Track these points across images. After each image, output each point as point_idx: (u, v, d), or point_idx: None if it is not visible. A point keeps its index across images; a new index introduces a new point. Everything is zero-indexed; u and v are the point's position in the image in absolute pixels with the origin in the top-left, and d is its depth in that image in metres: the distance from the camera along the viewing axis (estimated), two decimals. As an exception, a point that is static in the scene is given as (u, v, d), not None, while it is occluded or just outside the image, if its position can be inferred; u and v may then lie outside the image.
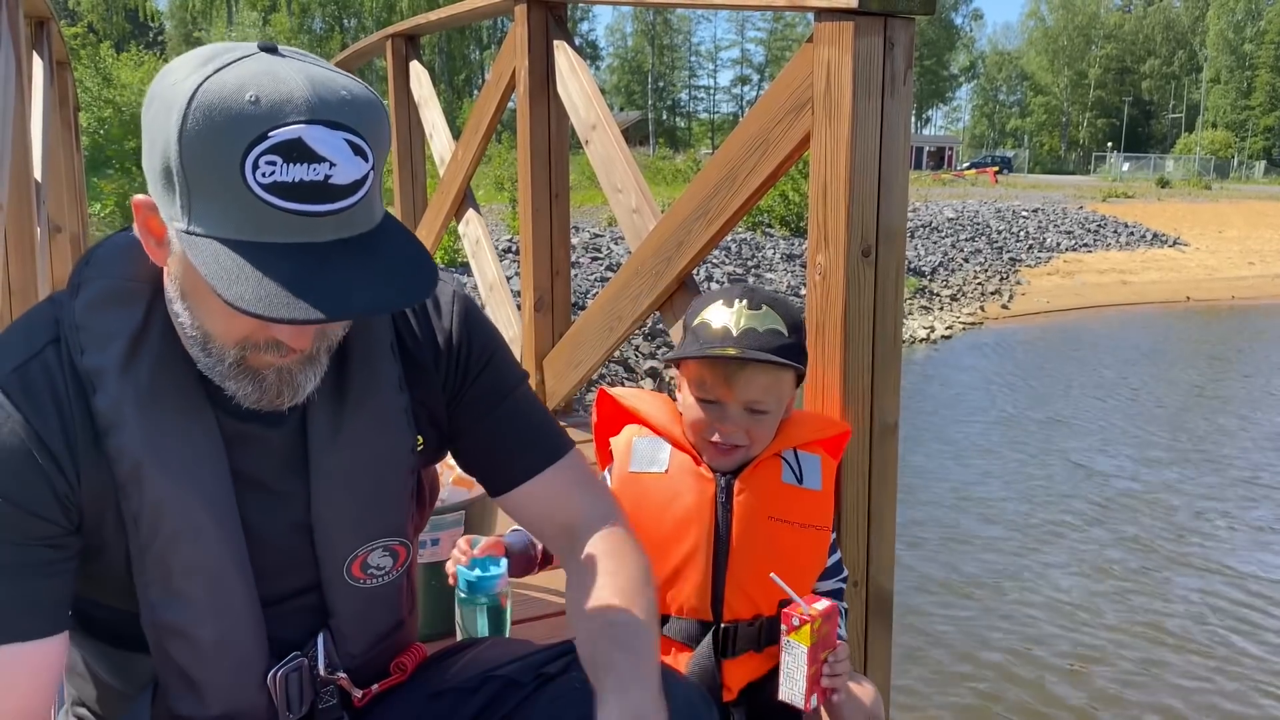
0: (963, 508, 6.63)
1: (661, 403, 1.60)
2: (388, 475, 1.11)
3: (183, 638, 1.02)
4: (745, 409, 1.47)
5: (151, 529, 0.99)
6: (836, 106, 1.74)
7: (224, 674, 1.05)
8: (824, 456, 1.57)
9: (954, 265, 17.23)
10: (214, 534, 1.01)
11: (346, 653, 1.13)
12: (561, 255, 3.45)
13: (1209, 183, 45.43)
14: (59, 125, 5.18)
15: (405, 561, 1.16)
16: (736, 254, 14.02)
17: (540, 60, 3.27)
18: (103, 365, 0.96)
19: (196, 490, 1.00)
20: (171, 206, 0.86)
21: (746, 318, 1.47)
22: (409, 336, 1.14)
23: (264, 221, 0.83)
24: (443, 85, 47.44)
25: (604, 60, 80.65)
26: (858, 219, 1.75)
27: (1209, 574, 5.57)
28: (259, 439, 1.04)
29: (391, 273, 0.88)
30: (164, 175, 0.85)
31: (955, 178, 43.33)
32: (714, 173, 2.26)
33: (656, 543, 1.48)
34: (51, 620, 0.97)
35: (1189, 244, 22.33)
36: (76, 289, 0.99)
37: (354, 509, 1.09)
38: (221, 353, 0.95)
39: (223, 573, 1.02)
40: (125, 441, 0.96)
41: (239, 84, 0.83)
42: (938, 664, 4.47)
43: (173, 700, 1.05)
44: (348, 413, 1.07)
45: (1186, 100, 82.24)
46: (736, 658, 1.49)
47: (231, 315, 0.89)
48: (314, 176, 0.83)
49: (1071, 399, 10.02)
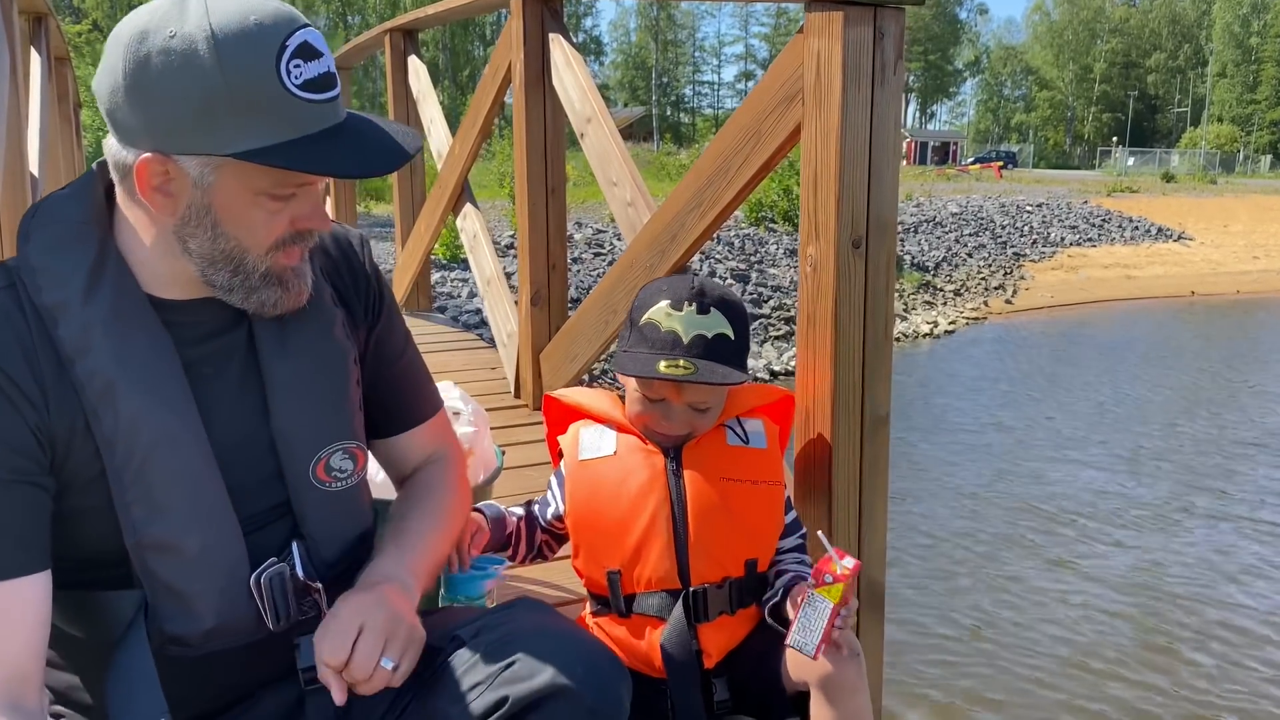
0: (962, 502, 6.63)
1: (603, 395, 1.63)
2: (337, 381, 1.19)
3: (169, 551, 1.05)
4: (690, 408, 1.49)
5: (128, 446, 1.02)
6: (826, 97, 1.74)
7: (212, 582, 1.08)
8: (766, 420, 1.60)
9: (958, 260, 17.20)
10: (189, 443, 1.06)
11: (321, 560, 1.18)
12: (558, 250, 3.45)
13: (1214, 177, 45.26)
14: (57, 120, 5.18)
15: (363, 466, 1.23)
16: (740, 249, 14.00)
17: (536, 54, 3.26)
18: (63, 299, 1.01)
19: (167, 404, 1.05)
20: (212, 139, 0.96)
21: (696, 324, 1.47)
22: (331, 263, 1.24)
23: (303, 117, 0.98)
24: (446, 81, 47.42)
25: (608, 56, 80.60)
26: (848, 210, 1.74)
27: (1209, 570, 5.56)
28: (214, 365, 1.11)
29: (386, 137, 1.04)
30: (201, 115, 0.94)
31: (960, 173, 43.23)
32: (707, 165, 2.26)
33: (616, 522, 1.50)
34: (40, 557, 1.00)
35: (1194, 238, 22.27)
36: (27, 237, 1.05)
37: (311, 414, 1.16)
38: (255, 265, 1.05)
39: (201, 481, 1.07)
40: (95, 364, 1.01)
41: (236, 13, 0.94)
42: (930, 654, 4.47)
43: (164, 621, 1.07)
44: (291, 326, 1.15)
45: (1192, 94, 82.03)
46: (711, 622, 1.50)
47: (272, 218, 1.03)
48: (322, 69, 0.99)
49: (1073, 394, 10.00)
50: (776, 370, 10.16)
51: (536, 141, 3.34)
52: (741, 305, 1.57)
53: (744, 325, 1.53)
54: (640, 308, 1.53)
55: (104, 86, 0.98)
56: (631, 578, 1.50)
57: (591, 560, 1.53)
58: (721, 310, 1.50)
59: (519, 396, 3.70)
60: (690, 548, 1.49)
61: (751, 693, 1.53)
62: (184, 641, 1.08)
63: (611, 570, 1.51)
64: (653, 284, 1.56)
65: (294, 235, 1.06)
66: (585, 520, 1.53)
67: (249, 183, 1.00)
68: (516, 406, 3.64)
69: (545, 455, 3.22)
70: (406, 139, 1.06)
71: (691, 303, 1.48)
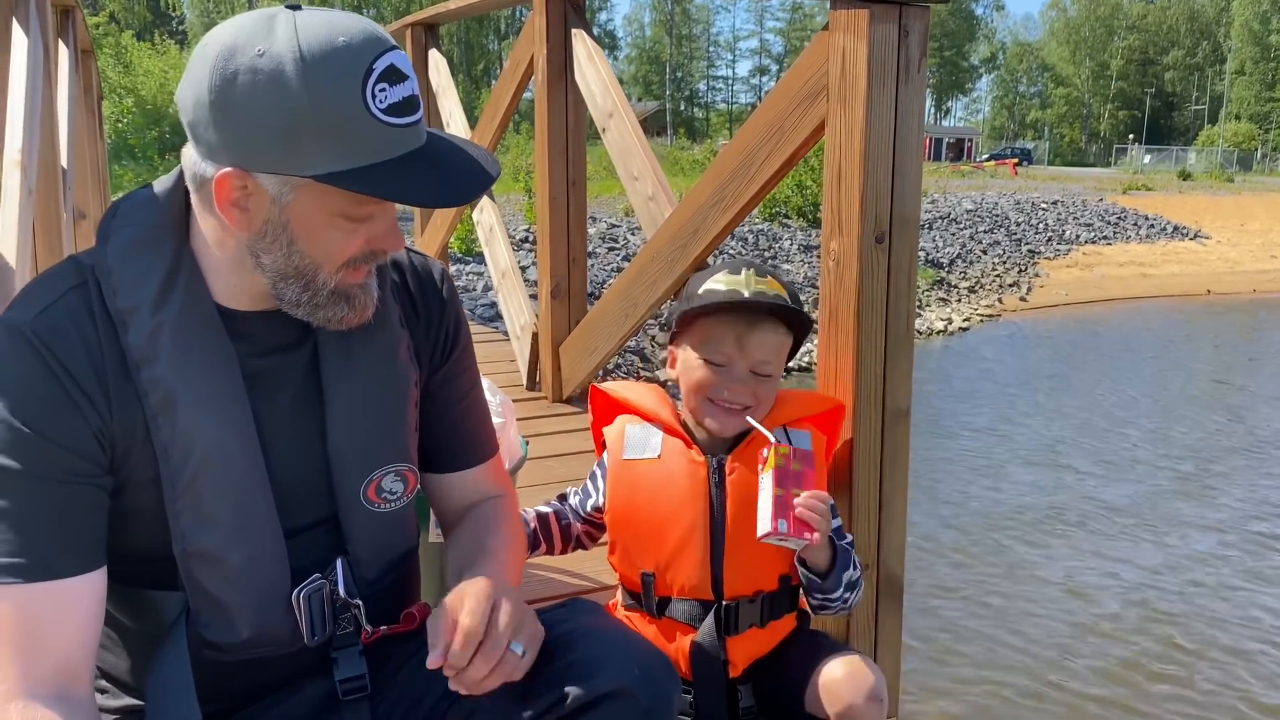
0: (976, 501, 6.63)
1: (651, 391, 1.63)
2: (396, 403, 1.19)
3: (213, 562, 1.07)
4: (751, 371, 1.49)
5: (183, 456, 1.04)
6: (851, 94, 1.76)
7: (252, 596, 1.10)
8: (814, 431, 1.59)
9: (972, 257, 17.15)
10: (241, 460, 1.07)
11: (363, 578, 1.19)
12: (578, 243, 3.48)
13: (1231, 175, 44.92)
14: (83, 113, 5.24)
15: (414, 488, 1.23)
16: (754, 245, 14.01)
17: (558, 49, 3.29)
18: (136, 304, 1.02)
19: (225, 419, 1.06)
20: (294, 159, 0.96)
21: (755, 283, 1.49)
22: (409, 295, 1.24)
23: (386, 142, 0.97)
24: (461, 75, 47.47)
25: (622, 50, 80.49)
26: (871, 206, 1.76)
27: (1226, 571, 5.56)
28: (276, 378, 1.12)
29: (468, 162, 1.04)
30: (284, 136, 0.94)
31: (974, 169, 43.04)
32: (730, 160, 2.28)
33: (653, 526, 1.50)
34: (94, 555, 1.02)
35: (1210, 237, 22.13)
36: (106, 238, 1.06)
37: (367, 435, 1.17)
38: (325, 282, 1.05)
39: (250, 496, 1.08)
40: (159, 373, 1.02)
41: (324, 34, 0.94)
42: (946, 647, 4.48)
43: (203, 627, 1.10)
44: (357, 345, 1.15)
45: (1210, 92, 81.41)
46: (740, 634, 1.51)
47: (347, 238, 1.03)
48: (407, 93, 0.99)
49: (1087, 392, 9.98)
50: (790, 366, 10.16)
51: (558, 135, 3.37)
52: (792, 283, 1.60)
53: (798, 299, 1.55)
54: (693, 286, 1.54)
55: (187, 99, 0.98)
56: (665, 581, 1.51)
57: (627, 559, 1.54)
58: (777, 279, 1.53)
59: (531, 389, 3.74)
60: (725, 560, 1.49)
61: (775, 705, 1.54)
62: (220, 648, 1.11)
63: (646, 571, 1.52)
64: (699, 273, 1.58)
65: (367, 255, 1.07)
66: (623, 520, 1.53)
67: (327, 204, 1.01)
68: (534, 399, 3.68)
69: (565, 447, 3.25)
70: (488, 163, 1.06)
71: (748, 268, 1.51)
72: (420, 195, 1.01)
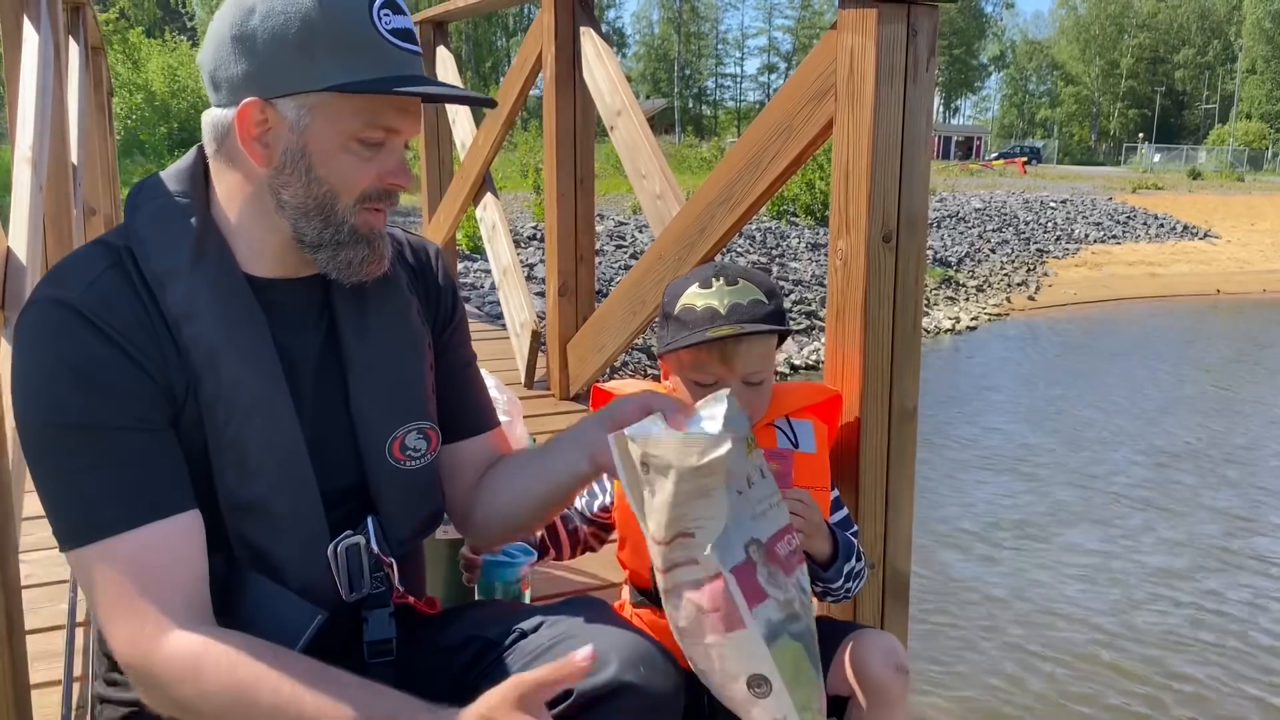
0: (982, 499, 6.62)
1: (654, 388, 1.61)
2: (413, 362, 1.24)
3: (260, 514, 1.10)
4: (743, 383, 1.49)
5: (229, 409, 1.07)
6: (859, 93, 1.76)
7: (296, 546, 1.13)
8: (815, 421, 1.60)
9: (980, 256, 17.10)
10: (283, 411, 1.11)
11: (394, 538, 1.22)
12: (586, 241, 3.49)
13: (1242, 174, 44.76)
14: (93, 110, 5.26)
15: (436, 448, 1.26)
16: (761, 243, 13.99)
17: (567, 47, 3.30)
18: (172, 265, 1.06)
19: (265, 373, 1.10)
20: (309, 74, 1.02)
21: (729, 295, 1.49)
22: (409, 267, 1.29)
23: (391, 61, 1.04)
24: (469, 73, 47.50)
25: (630, 48, 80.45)
26: (879, 205, 1.76)
27: (1236, 570, 5.54)
28: (299, 349, 1.15)
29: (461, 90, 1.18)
30: (299, 51, 1.02)
31: (983, 168, 42.93)
32: (738, 158, 2.28)
33: None
34: (187, 495, 1.06)
35: (1220, 236, 22.03)
36: (135, 209, 1.11)
37: (388, 393, 1.20)
38: (344, 215, 1.09)
39: (294, 446, 1.12)
40: (200, 329, 1.06)
41: None
42: (953, 646, 4.48)
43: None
44: (370, 310, 1.20)
45: (1220, 91, 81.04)
46: None
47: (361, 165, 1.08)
48: (408, 25, 1.07)
49: (1094, 392, 9.95)
50: (797, 364, 10.14)
51: (566, 134, 3.37)
52: (766, 276, 1.59)
53: (774, 293, 1.54)
54: (670, 301, 1.54)
55: (208, 54, 1.06)
56: None
57: (636, 555, 1.54)
58: (749, 280, 1.52)
59: (530, 386, 3.77)
60: None
61: None
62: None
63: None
64: (674, 281, 1.59)
65: (380, 192, 1.11)
66: (632, 516, 1.54)
67: (340, 125, 1.05)
68: (539, 396, 3.69)
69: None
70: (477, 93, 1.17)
71: (718, 278, 1.51)
72: (433, 94, 1.06)
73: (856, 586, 1.54)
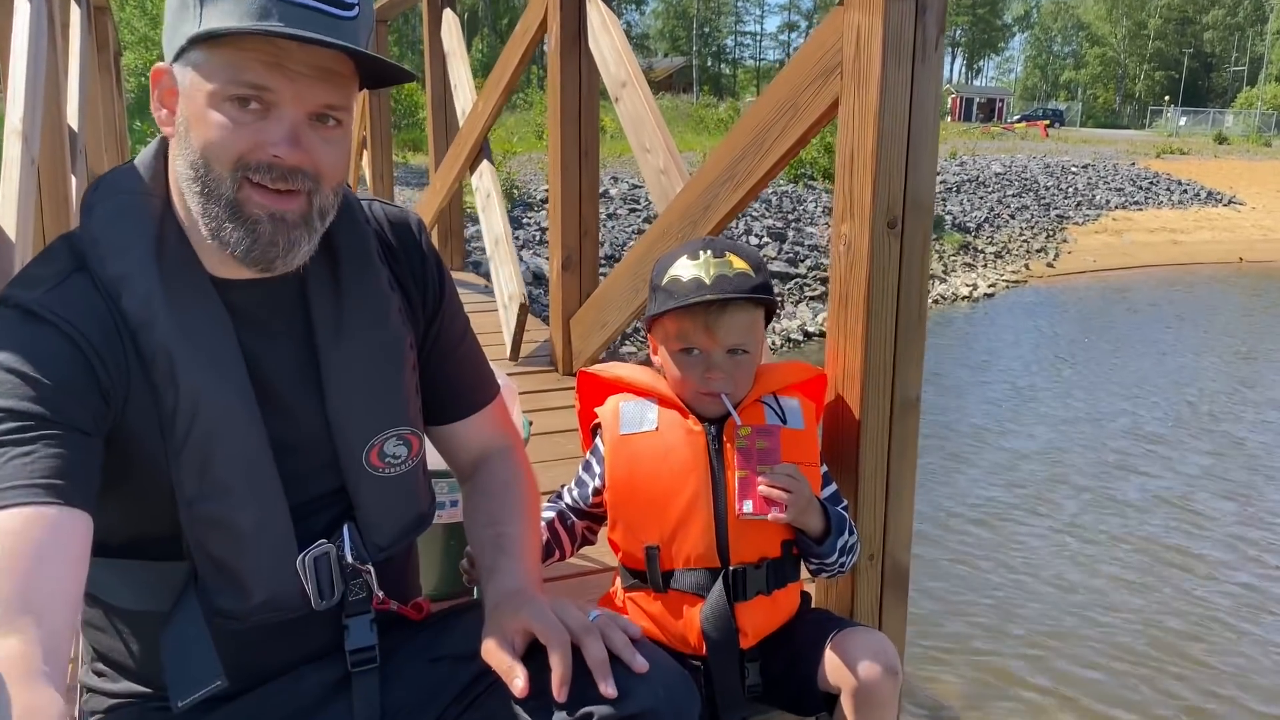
0: (991, 475, 6.58)
1: (642, 370, 1.63)
2: (391, 367, 1.19)
3: (223, 527, 1.06)
4: (727, 354, 1.50)
5: (188, 420, 1.03)
6: (865, 73, 1.69)
7: (262, 559, 1.09)
8: (802, 399, 1.60)
9: (999, 222, 16.90)
10: (247, 421, 1.06)
11: (374, 544, 1.19)
12: (590, 214, 3.43)
13: (1269, 139, 43.96)
14: (97, 71, 5.20)
15: (418, 452, 1.23)
16: (778, 207, 13.85)
17: (572, 15, 3.22)
18: (125, 270, 1.02)
19: (225, 380, 1.05)
20: (187, 22, 0.97)
21: (715, 266, 1.49)
22: (390, 248, 1.23)
23: (270, 11, 0.94)
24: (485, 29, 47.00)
25: (649, 4, 79.47)
26: (884, 190, 1.71)
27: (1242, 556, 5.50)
28: (270, 350, 1.10)
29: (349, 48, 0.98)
30: (181, 8, 0.98)
31: (1005, 130, 42.33)
32: (742, 136, 2.22)
33: (656, 498, 1.51)
34: (84, 496, 0.95)
35: (1245, 203, 21.69)
36: (88, 211, 1.05)
37: (364, 400, 1.16)
38: (219, 185, 1.00)
39: (258, 457, 1.07)
40: (158, 337, 1.01)
41: None
42: (952, 635, 4.47)
43: (214, 595, 1.08)
44: (347, 311, 1.14)
45: (1250, 53, 79.47)
46: (749, 601, 1.52)
47: (234, 128, 0.98)
48: None
49: (1110, 363, 9.85)
50: (811, 331, 10.08)
51: (570, 104, 3.31)
52: (755, 251, 1.60)
53: (761, 267, 1.54)
54: (659, 273, 1.56)
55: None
56: (670, 554, 1.51)
57: (630, 535, 1.54)
58: (736, 253, 1.53)
59: (515, 359, 3.73)
60: (730, 527, 1.50)
61: (785, 684, 1.54)
62: (232, 615, 1.09)
63: (650, 545, 1.51)
64: (663, 255, 1.59)
65: (262, 165, 0.99)
66: (625, 495, 1.53)
67: (206, 79, 0.98)
68: (543, 371, 3.65)
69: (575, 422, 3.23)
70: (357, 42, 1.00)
71: (706, 249, 1.52)
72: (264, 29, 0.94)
73: (850, 561, 1.57)
